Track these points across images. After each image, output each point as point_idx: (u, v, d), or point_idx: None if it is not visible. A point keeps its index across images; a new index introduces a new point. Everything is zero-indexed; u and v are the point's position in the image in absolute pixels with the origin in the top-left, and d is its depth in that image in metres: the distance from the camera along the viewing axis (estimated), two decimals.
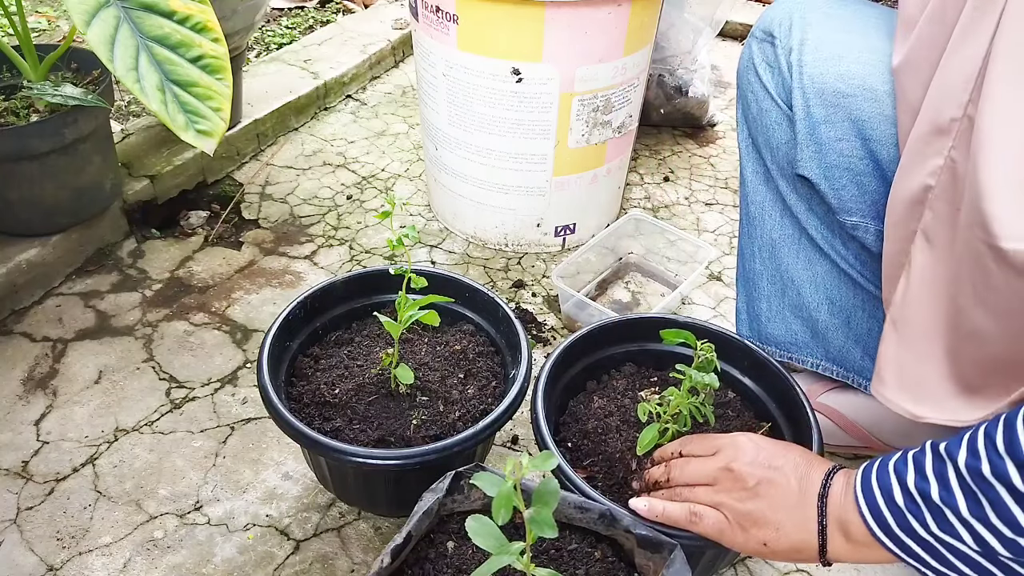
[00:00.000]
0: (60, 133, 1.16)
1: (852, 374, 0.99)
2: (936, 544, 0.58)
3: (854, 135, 0.84)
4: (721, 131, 1.84)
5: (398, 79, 1.99)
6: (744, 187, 1.02)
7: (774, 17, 0.93)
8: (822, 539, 0.66)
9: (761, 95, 0.94)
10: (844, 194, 0.86)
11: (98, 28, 0.88)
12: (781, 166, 0.93)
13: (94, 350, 1.17)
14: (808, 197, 0.92)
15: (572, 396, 0.93)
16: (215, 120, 0.93)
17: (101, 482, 0.99)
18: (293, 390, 0.93)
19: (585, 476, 0.83)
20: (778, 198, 0.95)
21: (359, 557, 0.92)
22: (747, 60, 0.97)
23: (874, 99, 0.82)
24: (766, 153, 0.96)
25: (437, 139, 1.36)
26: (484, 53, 1.19)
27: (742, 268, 1.04)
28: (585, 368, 0.94)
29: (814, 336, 1.00)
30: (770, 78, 0.93)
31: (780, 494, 0.68)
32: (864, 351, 0.97)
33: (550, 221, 1.40)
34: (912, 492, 0.59)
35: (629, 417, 0.88)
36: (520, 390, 0.87)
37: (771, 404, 0.90)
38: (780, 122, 0.92)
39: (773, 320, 1.03)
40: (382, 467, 0.79)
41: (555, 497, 0.54)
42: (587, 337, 0.93)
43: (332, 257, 1.39)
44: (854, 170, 0.84)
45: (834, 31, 0.87)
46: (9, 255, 1.21)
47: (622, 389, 0.92)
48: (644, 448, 0.80)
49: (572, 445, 0.87)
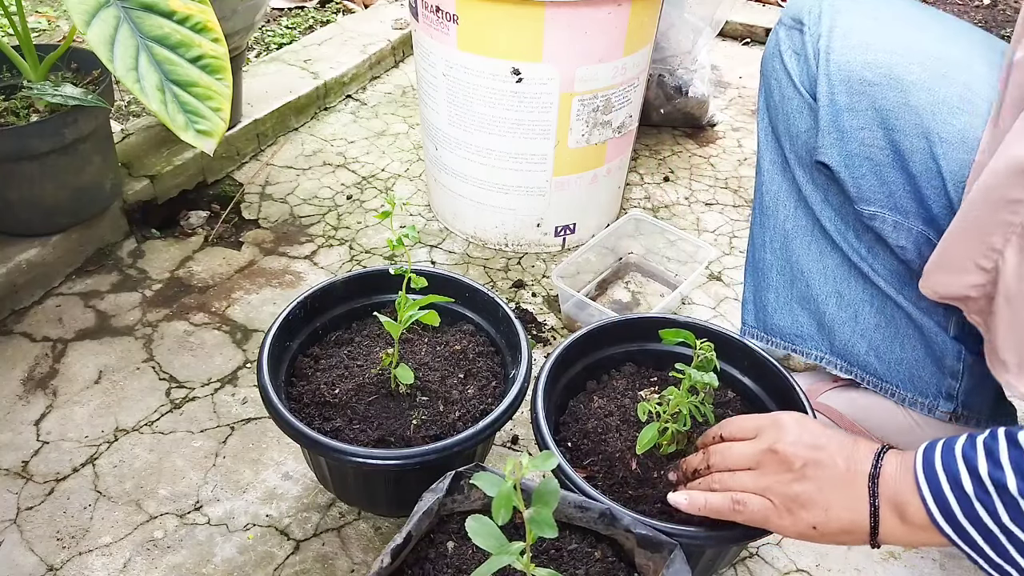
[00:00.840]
0: (60, 133, 1.16)
1: (856, 368, 0.99)
2: (1001, 535, 0.56)
3: (877, 124, 0.84)
4: (721, 131, 1.84)
5: (398, 79, 1.99)
6: (760, 176, 1.02)
7: (804, 5, 0.93)
8: (874, 520, 0.64)
9: (785, 82, 0.94)
10: (863, 183, 0.86)
11: (98, 28, 0.88)
12: (800, 155, 0.93)
13: (94, 350, 1.17)
14: (825, 187, 0.92)
15: (572, 396, 0.93)
16: (215, 120, 0.93)
17: (101, 482, 0.99)
18: (293, 390, 0.93)
19: (585, 475, 0.83)
20: (793, 188, 0.96)
21: (359, 557, 0.92)
22: (773, 47, 0.97)
23: (900, 89, 0.82)
24: (785, 142, 0.96)
25: (437, 139, 1.36)
26: (484, 53, 1.19)
27: (752, 258, 1.04)
28: (585, 368, 0.94)
29: (820, 329, 1.00)
30: (795, 65, 0.93)
31: (828, 475, 0.66)
32: (870, 346, 0.97)
33: (550, 221, 1.40)
34: (984, 480, 0.57)
35: (629, 417, 0.88)
36: (520, 390, 0.87)
37: (771, 404, 0.90)
38: (802, 110, 0.92)
39: (780, 311, 1.02)
40: (382, 467, 0.79)
41: (555, 497, 0.54)
42: (587, 337, 0.93)
43: (332, 257, 1.39)
44: (875, 159, 0.85)
45: (864, 19, 0.87)
46: (9, 255, 1.21)
47: (622, 389, 0.92)
48: (643, 447, 0.80)
49: (572, 445, 0.87)
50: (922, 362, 0.94)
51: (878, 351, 0.97)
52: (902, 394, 0.97)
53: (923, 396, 0.95)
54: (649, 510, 0.79)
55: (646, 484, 0.81)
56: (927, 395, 0.95)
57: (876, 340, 0.96)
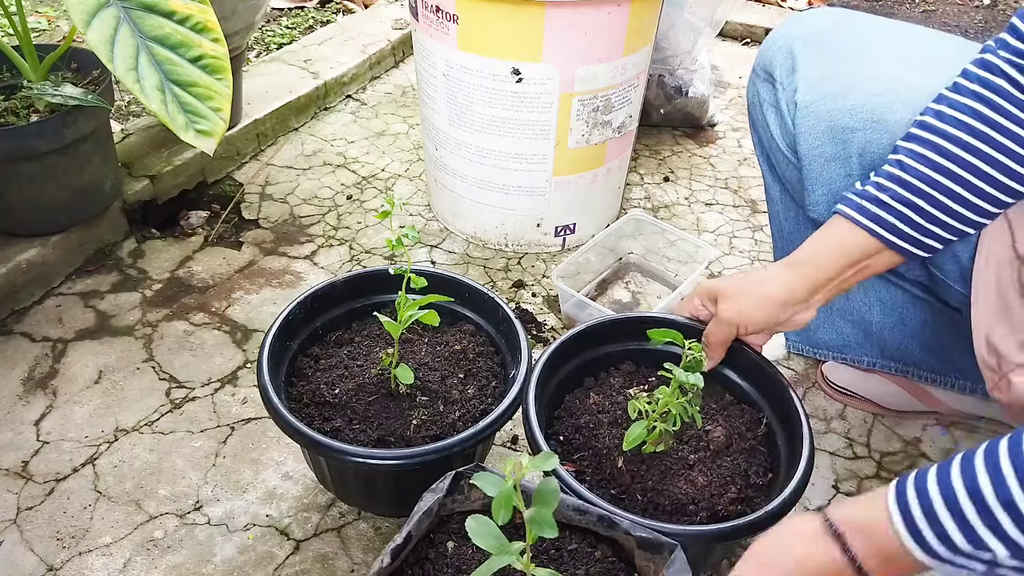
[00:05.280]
0: (60, 133, 1.16)
1: (912, 368, 1.00)
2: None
3: (865, 169, 0.82)
4: (721, 131, 1.84)
5: (398, 79, 1.99)
6: (773, 205, 1.00)
7: (773, 56, 0.90)
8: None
9: (769, 134, 0.93)
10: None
11: (98, 28, 0.89)
12: (799, 198, 0.93)
13: (94, 350, 1.17)
14: None
15: (569, 391, 0.93)
16: (215, 120, 0.93)
17: (101, 482, 0.99)
18: (293, 390, 0.93)
19: (575, 470, 0.83)
20: (807, 217, 0.94)
21: (359, 557, 0.92)
22: (753, 95, 0.95)
23: (885, 131, 0.80)
24: (786, 184, 0.96)
25: (437, 139, 1.36)
26: (484, 53, 1.19)
27: None
28: (582, 365, 0.94)
29: (868, 337, 1.00)
30: (774, 119, 0.91)
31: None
32: (922, 345, 0.97)
33: (550, 221, 1.40)
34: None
35: (621, 414, 0.88)
36: (520, 390, 0.87)
37: (766, 407, 0.89)
38: (788, 164, 0.91)
39: (822, 327, 1.03)
40: (382, 467, 0.79)
41: (555, 497, 0.54)
42: (582, 335, 0.93)
43: (332, 257, 1.39)
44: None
45: (836, 63, 0.85)
46: (9, 255, 1.21)
47: (618, 386, 0.92)
48: (630, 444, 0.80)
49: (564, 439, 0.87)
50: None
51: (931, 348, 0.96)
52: (962, 384, 0.97)
53: (982, 381, 0.96)
54: (632, 507, 0.80)
55: (633, 481, 0.82)
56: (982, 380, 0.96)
57: (927, 337, 0.95)
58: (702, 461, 0.83)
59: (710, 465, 0.83)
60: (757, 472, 0.84)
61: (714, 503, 0.80)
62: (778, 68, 0.90)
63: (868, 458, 1.07)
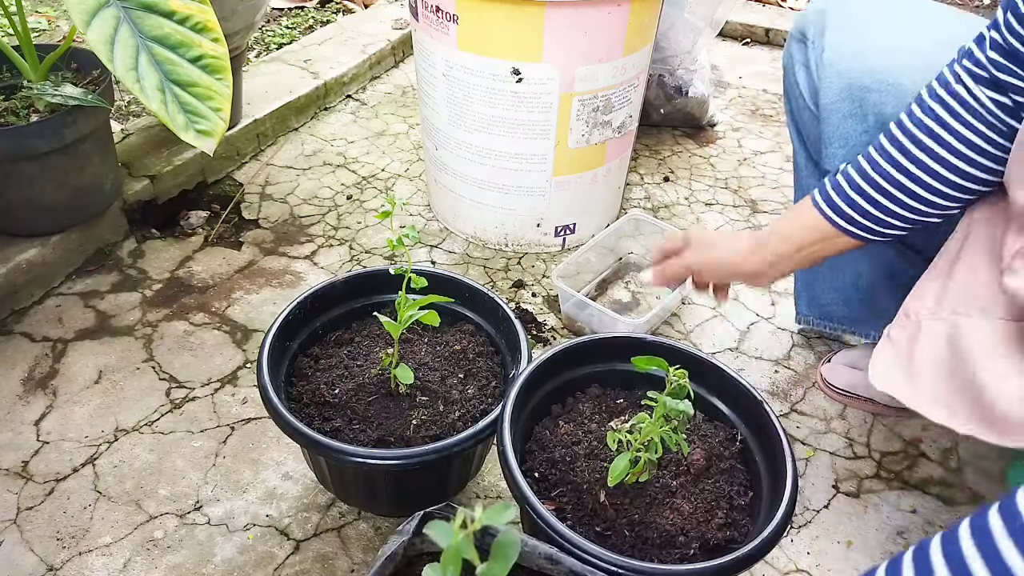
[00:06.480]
0: (60, 133, 1.16)
1: None
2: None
3: (879, 129, 0.86)
4: (721, 131, 1.84)
5: (398, 79, 1.99)
6: (797, 171, 1.07)
7: (808, 17, 0.97)
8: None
9: (797, 94, 0.99)
10: None
11: (98, 28, 0.89)
12: (819, 159, 0.98)
13: (94, 350, 1.17)
14: None
15: (537, 422, 0.89)
16: (215, 120, 0.93)
17: (101, 482, 0.99)
18: (293, 390, 0.93)
19: (554, 508, 0.79)
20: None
21: (359, 557, 0.92)
22: (788, 59, 1.01)
23: (899, 95, 0.84)
24: (808, 145, 1.01)
25: (437, 139, 1.36)
26: (484, 53, 1.19)
27: None
28: (549, 392, 0.90)
29: (876, 313, 1.04)
30: (803, 78, 0.97)
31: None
32: None
33: (550, 221, 1.40)
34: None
35: (597, 444, 0.84)
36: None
37: (740, 424, 0.87)
38: (813, 121, 0.97)
39: (835, 301, 1.08)
40: (382, 467, 0.79)
41: (514, 550, 0.49)
42: (551, 360, 0.89)
43: (332, 257, 1.39)
44: None
45: (861, 27, 0.90)
46: (9, 255, 1.21)
47: (588, 413, 0.88)
48: (615, 479, 0.76)
49: (539, 475, 0.83)
50: None
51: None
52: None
53: None
54: (619, 544, 0.76)
55: (618, 516, 0.78)
56: None
57: None
58: (684, 486, 0.80)
59: (692, 490, 0.80)
60: (739, 492, 0.81)
61: (703, 531, 0.77)
62: (811, 28, 0.96)
63: (868, 458, 1.07)
